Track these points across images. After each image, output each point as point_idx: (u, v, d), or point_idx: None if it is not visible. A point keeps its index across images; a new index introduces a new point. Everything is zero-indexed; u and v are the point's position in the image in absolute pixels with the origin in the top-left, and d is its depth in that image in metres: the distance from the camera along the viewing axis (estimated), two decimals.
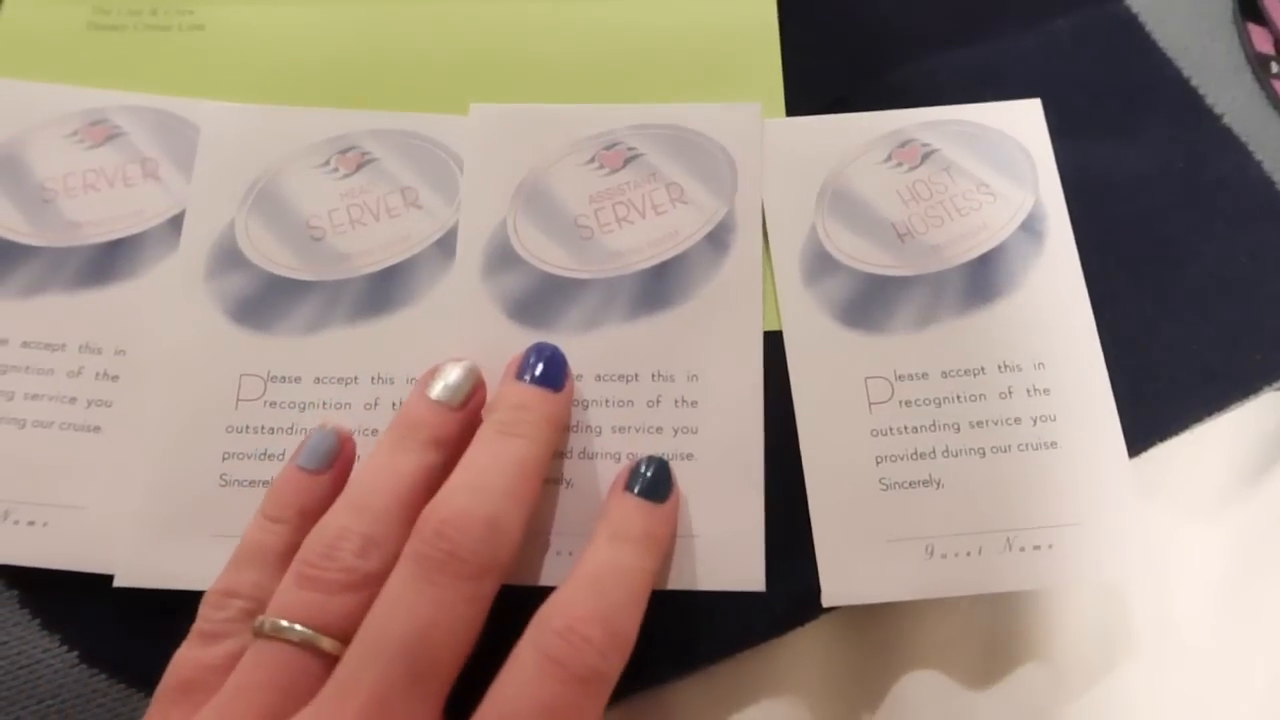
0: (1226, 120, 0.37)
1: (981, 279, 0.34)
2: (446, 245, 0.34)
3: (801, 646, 0.31)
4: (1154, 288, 0.34)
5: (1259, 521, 0.33)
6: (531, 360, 0.31)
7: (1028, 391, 0.33)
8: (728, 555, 0.31)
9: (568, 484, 0.31)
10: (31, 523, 0.31)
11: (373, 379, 0.33)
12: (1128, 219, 0.35)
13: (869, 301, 0.34)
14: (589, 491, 0.31)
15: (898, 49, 0.38)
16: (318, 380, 0.33)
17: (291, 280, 0.34)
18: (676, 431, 0.32)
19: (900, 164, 0.35)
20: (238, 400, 0.32)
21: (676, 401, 0.32)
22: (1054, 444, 0.32)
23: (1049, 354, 0.33)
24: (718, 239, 0.34)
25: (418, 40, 0.38)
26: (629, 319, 0.33)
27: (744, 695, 0.31)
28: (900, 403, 0.33)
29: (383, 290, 0.34)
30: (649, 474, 0.30)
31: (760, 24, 0.38)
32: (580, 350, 0.33)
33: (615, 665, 0.25)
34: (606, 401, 0.32)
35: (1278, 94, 0.37)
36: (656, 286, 0.34)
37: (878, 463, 0.32)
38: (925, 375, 0.33)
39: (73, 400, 0.32)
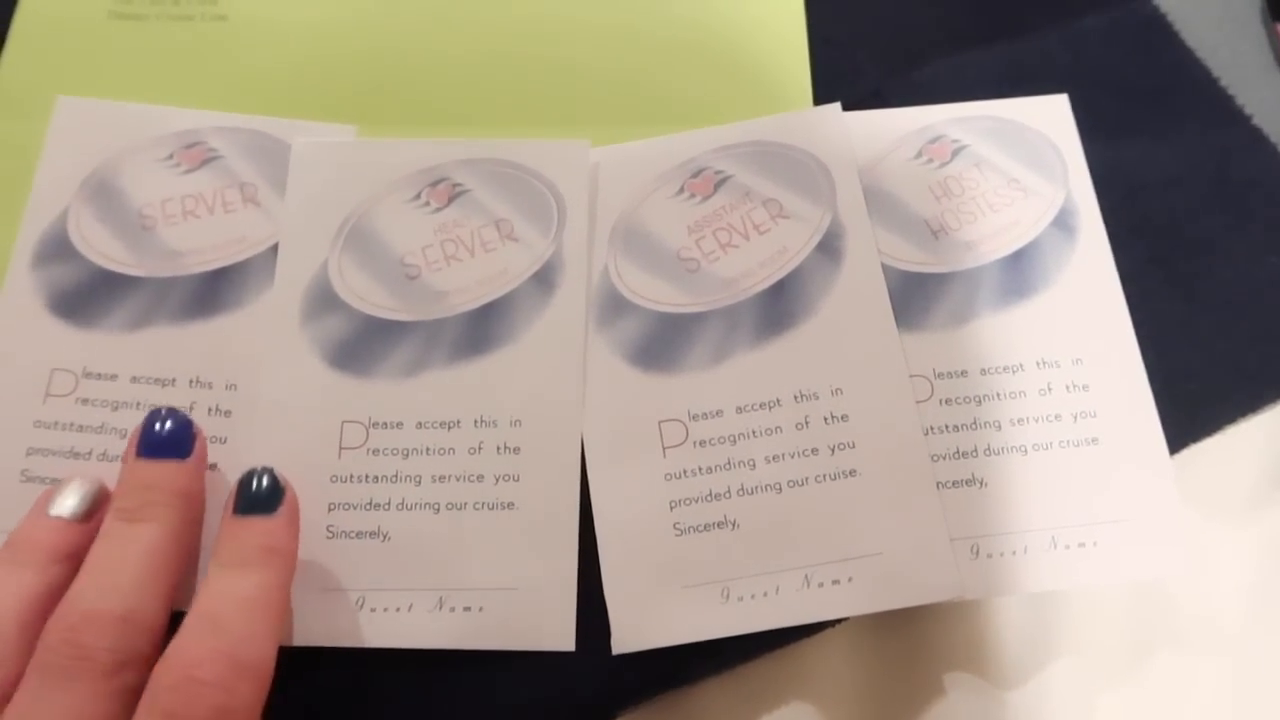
0: (1256, 121, 0.37)
1: (1017, 275, 0.33)
2: (545, 279, 0.33)
3: (832, 646, 0.31)
4: (1186, 287, 0.34)
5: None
6: (150, 432, 0.28)
7: (1067, 388, 0.32)
8: (916, 567, 0.30)
9: (734, 525, 0.30)
10: None
11: (476, 422, 0.31)
12: (1158, 217, 0.35)
13: (907, 299, 0.33)
14: (758, 529, 0.30)
15: (927, 45, 0.38)
16: (419, 425, 0.31)
17: (389, 321, 0.32)
18: (833, 450, 0.31)
19: (931, 160, 0.35)
20: (340, 449, 0.31)
21: (826, 419, 0.31)
22: (1095, 440, 0.32)
23: (1086, 350, 0.33)
24: (829, 247, 0.33)
25: (436, 36, 0.38)
26: (756, 345, 0.32)
27: (774, 696, 0.30)
28: (940, 401, 0.32)
29: (482, 328, 0.32)
30: (254, 489, 0.28)
31: (788, 19, 0.38)
32: (714, 385, 0.32)
33: (248, 693, 0.24)
34: (753, 433, 0.31)
35: None
36: (777, 306, 0.33)
37: (934, 460, 0.31)
38: (964, 373, 0.32)
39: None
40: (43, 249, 0.33)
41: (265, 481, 0.28)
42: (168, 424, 0.29)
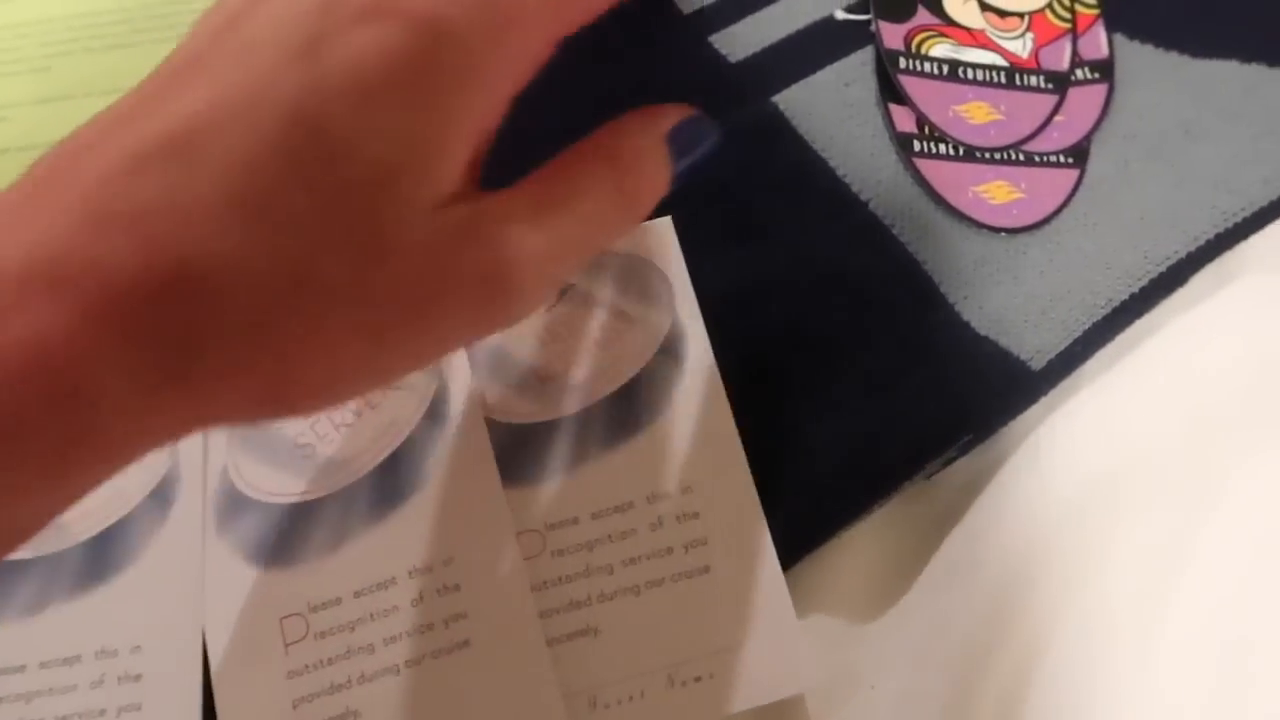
0: (873, 205, 0.38)
1: (625, 411, 0.34)
2: (162, 495, 0.33)
3: None
4: (796, 393, 0.34)
5: (914, 618, 0.32)
6: None
7: (677, 518, 0.33)
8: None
9: (356, 716, 0.31)
10: None
11: (97, 654, 0.31)
12: (773, 325, 0.35)
13: (517, 454, 0.34)
14: (378, 717, 0.30)
15: None
16: (43, 665, 0.31)
17: (8, 561, 0.32)
18: (446, 623, 0.31)
19: None
20: None
21: (439, 591, 0.32)
22: (707, 569, 0.32)
23: (696, 477, 0.33)
24: (435, 414, 0.34)
25: None
26: (371, 524, 0.32)
27: None
28: (552, 553, 0.32)
29: (102, 555, 0.33)
30: None
31: None
32: (333, 572, 0.32)
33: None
34: (370, 616, 0.31)
35: (921, 173, 0.38)
36: (389, 480, 0.33)
37: (548, 616, 0.32)
38: (576, 520, 0.33)
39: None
40: None
41: None
42: None
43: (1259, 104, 0.39)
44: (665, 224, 0.37)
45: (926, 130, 0.39)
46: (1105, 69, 0.40)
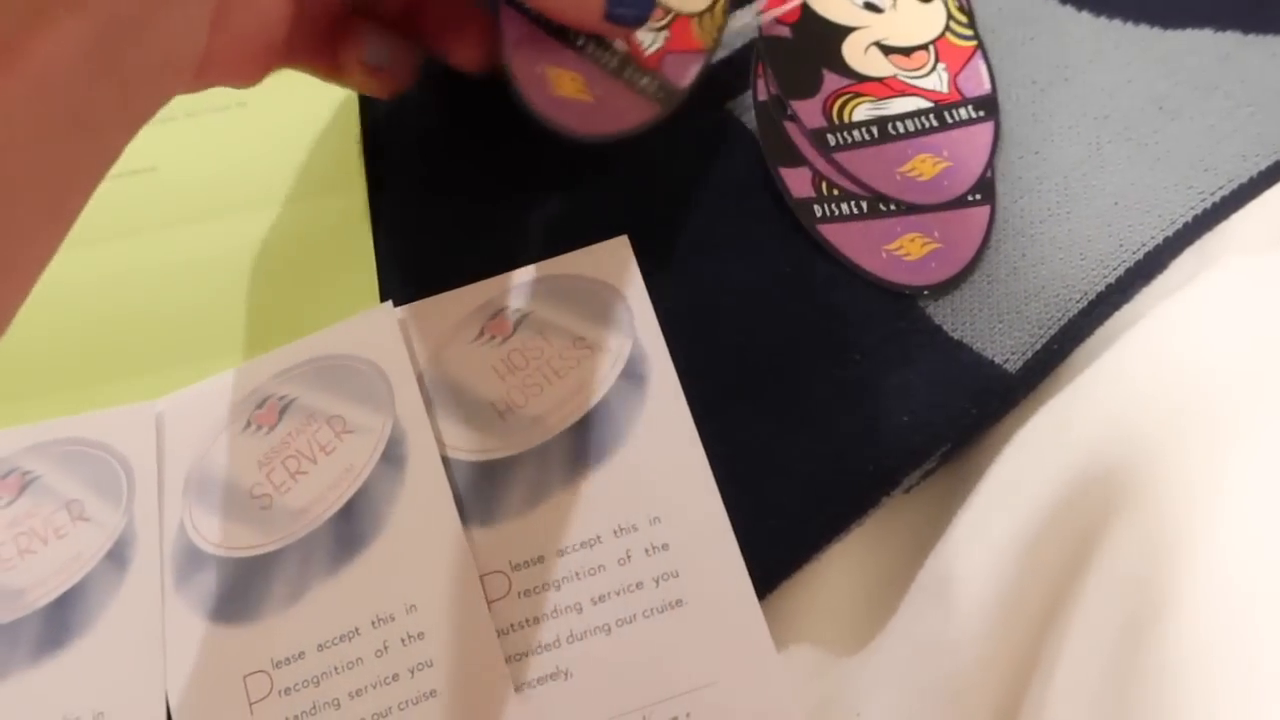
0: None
1: (587, 441, 0.33)
2: (118, 557, 0.32)
3: None
4: (766, 410, 0.33)
5: (899, 640, 0.31)
6: None
7: (646, 551, 0.31)
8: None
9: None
10: None
11: None
12: (738, 342, 0.34)
13: (478, 492, 0.32)
14: None
15: (496, 210, 0.37)
16: None
17: None
18: (412, 673, 0.30)
19: (493, 337, 0.34)
20: None
21: (403, 640, 0.30)
22: (680, 602, 0.31)
23: (664, 506, 0.32)
24: (393, 456, 0.33)
25: None
26: (332, 573, 0.31)
27: None
28: (519, 594, 0.31)
29: (60, 621, 0.32)
30: None
31: (353, 218, 0.37)
32: (295, 626, 0.31)
33: None
34: (335, 670, 0.30)
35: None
36: (349, 528, 0.32)
37: (508, 661, 0.30)
38: (541, 559, 0.32)
39: None
40: None
41: None
42: None
43: (1234, 74, 0.37)
44: (622, 243, 0.35)
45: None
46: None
